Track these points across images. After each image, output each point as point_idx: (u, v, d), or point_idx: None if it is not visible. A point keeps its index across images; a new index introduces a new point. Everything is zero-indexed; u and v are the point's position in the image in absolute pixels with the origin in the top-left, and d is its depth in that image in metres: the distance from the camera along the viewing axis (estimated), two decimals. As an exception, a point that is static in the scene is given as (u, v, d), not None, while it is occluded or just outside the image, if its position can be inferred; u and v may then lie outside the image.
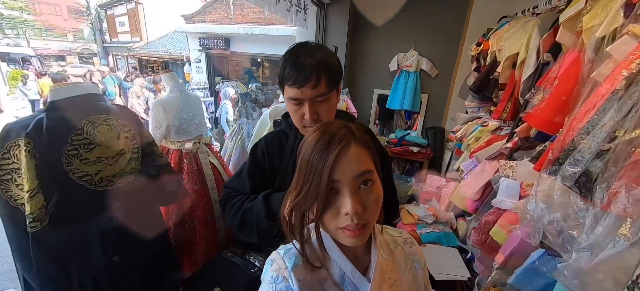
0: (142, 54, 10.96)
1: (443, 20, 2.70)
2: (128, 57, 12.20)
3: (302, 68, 0.66)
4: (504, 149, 1.45)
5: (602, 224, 0.71)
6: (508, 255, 1.11)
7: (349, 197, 0.40)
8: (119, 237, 0.96)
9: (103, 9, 13.23)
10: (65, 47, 18.74)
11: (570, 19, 1.02)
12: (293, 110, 0.71)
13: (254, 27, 6.58)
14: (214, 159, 1.64)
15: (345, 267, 0.46)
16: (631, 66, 0.70)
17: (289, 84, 0.68)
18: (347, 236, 0.42)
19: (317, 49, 0.69)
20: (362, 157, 0.42)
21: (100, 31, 13.03)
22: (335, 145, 0.41)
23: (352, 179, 0.41)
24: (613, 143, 0.71)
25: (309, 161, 0.42)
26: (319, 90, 0.67)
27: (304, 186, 0.42)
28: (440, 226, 1.87)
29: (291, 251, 0.47)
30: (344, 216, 0.41)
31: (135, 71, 9.81)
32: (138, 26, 11.64)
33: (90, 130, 0.88)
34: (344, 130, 0.43)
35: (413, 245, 0.57)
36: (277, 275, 0.44)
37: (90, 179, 0.89)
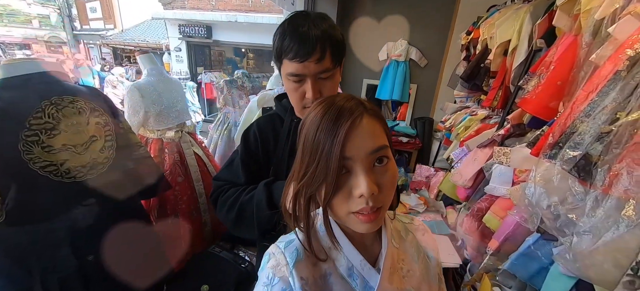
0: (117, 42, 10.31)
1: (432, 8, 2.68)
2: (101, 45, 11.45)
3: (305, 39, 0.57)
4: (495, 137, 1.45)
5: (603, 207, 0.70)
6: (502, 241, 1.11)
7: (363, 177, 0.35)
8: (93, 235, 0.86)
9: (72, -7, 12.29)
10: (30, 35, 17.30)
11: (568, 2, 1.01)
12: (292, 88, 0.63)
13: (237, 15, 6.33)
14: (199, 150, 1.53)
15: (354, 258, 0.41)
16: (635, 46, 0.68)
17: (289, 58, 0.59)
18: (361, 221, 0.37)
19: (320, 18, 0.61)
20: (376, 130, 0.37)
21: (70, 17, 12.10)
22: (345, 118, 0.35)
23: (366, 156, 0.36)
24: (615, 125, 0.70)
25: (315, 138, 0.36)
26: (324, 65, 0.60)
27: (310, 167, 0.36)
28: (431, 215, 1.88)
29: (292, 244, 0.42)
30: (357, 199, 0.35)
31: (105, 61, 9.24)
32: (111, 13, 10.92)
33: (52, 113, 0.77)
34: (354, 102, 0.38)
35: (426, 232, 0.53)
36: (273, 275, 0.39)
37: (55, 170, 0.78)
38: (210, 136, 2.01)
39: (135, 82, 1.35)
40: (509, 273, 1.08)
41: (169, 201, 1.39)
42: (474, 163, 1.56)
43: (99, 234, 0.90)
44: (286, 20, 0.62)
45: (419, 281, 0.45)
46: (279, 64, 0.64)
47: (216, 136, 1.91)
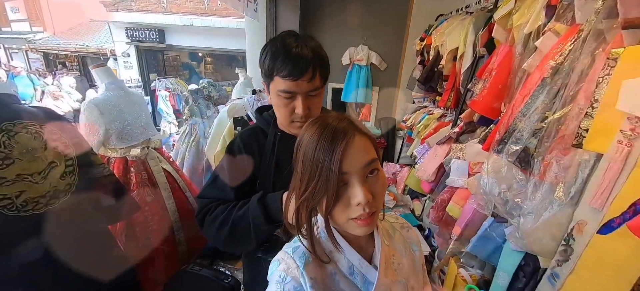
0: (49, 47, 9.01)
1: (388, 16, 2.88)
2: (28, 50, 9.91)
3: (298, 59, 0.62)
4: (452, 134, 1.62)
5: (540, 191, 0.85)
6: (464, 227, 1.25)
7: (359, 188, 0.40)
8: (55, 269, 0.78)
9: (-16, -10, 10.44)
10: None
11: (503, 17, 1.19)
12: (282, 104, 0.67)
13: (193, 18, 6.01)
14: (167, 165, 1.45)
15: (353, 258, 0.47)
16: (555, 58, 0.84)
17: (282, 76, 0.63)
18: (359, 225, 0.42)
19: (309, 39, 0.66)
20: (366, 146, 0.43)
21: (-17, 18, 10.27)
22: (341, 138, 0.40)
23: (360, 170, 0.41)
24: (545, 122, 0.85)
25: (314, 157, 0.41)
26: (314, 84, 0.65)
27: (311, 183, 0.41)
28: (401, 209, 2.02)
29: (299, 249, 0.46)
30: (355, 207, 0.41)
31: (39, 70, 8.04)
32: (39, 13, 9.53)
33: (4, 141, 0.68)
34: (346, 122, 0.43)
35: (410, 229, 0.60)
36: (285, 274, 0.43)
37: (9, 204, 0.69)
38: (176, 148, 1.90)
39: (92, 99, 1.22)
40: (471, 255, 1.22)
41: (138, 222, 1.29)
42: (435, 158, 1.72)
43: (61, 268, 0.82)
44: (277, 41, 0.65)
45: (408, 272, 0.52)
46: (269, 80, 0.67)
47: (183, 148, 1.82)
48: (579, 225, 0.74)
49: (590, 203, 0.69)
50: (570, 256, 0.76)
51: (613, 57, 0.65)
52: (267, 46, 0.66)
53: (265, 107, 0.83)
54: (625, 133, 0.61)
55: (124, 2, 6.48)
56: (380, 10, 2.88)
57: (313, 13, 2.94)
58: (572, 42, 0.78)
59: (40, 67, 8.74)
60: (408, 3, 2.77)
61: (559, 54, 0.83)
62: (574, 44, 0.77)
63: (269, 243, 0.67)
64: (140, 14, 6.37)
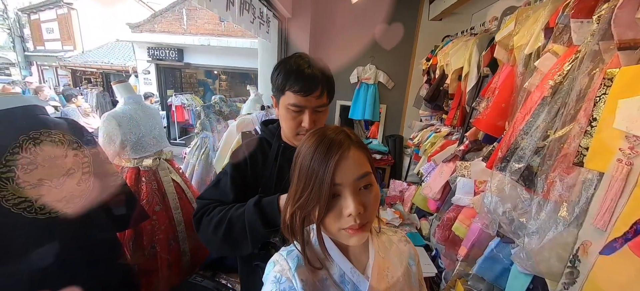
0: (77, 64, 9.67)
1: (396, 37, 2.95)
2: (58, 67, 10.65)
3: (309, 77, 0.69)
4: (457, 152, 1.62)
5: (544, 211, 0.84)
6: (470, 247, 1.22)
7: (351, 199, 0.42)
8: (69, 274, 0.81)
9: (25, 14, 11.43)
10: (-31, 55, 15.65)
11: (504, 39, 1.21)
12: (290, 117, 0.72)
13: (210, 39, 6.34)
14: (177, 176, 1.50)
15: (344, 267, 0.48)
16: (554, 77, 0.85)
17: (294, 91, 0.69)
18: (350, 235, 0.43)
19: (318, 61, 0.73)
20: (361, 160, 0.44)
21: (22, 38, 11.20)
22: (335, 150, 0.42)
23: (353, 182, 0.43)
24: (547, 141, 0.85)
25: (310, 167, 0.43)
26: (322, 100, 0.72)
27: (305, 191, 0.43)
28: (407, 228, 1.98)
29: (293, 252, 0.48)
30: (346, 218, 0.42)
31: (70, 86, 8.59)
32: (71, 33, 10.29)
33: (30, 147, 0.75)
34: (342, 135, 0.45)
35: (407, 243, 0.60)
36: (280, 275, 0.45)
37: (29, 206, 0.74)
38: (186, 160, 1.97)
39: (111, 112, 1.31)
40: (478, 277, 1.18)
41: (146, 231, 1.33)
42: (441, 176, 1.71)
43: (73, 273, 0.86)
44: (291, 60, 0.72)
45: (402, 286, 0.52)
46: (280, 95, 0.72)
47: (193, 160, 1.88)
48: (584, 246, 0.71)
49: (594, 222, 0.67)
50: (576, 279, 0.73)
51: (609, 77, 0.66)
52: (281, 64, 0.73)
53: (270, 121, 0.88)
54: (624, 152, 0.61)
55: (148, 23, 6.95)
56: (387, 30, 2.97)
57: (322, 34, 3.06)
58: (570, 63, 0.79)
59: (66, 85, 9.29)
60: (415, 24, 2.85)
61: (558, 74, 0.84)
62: (572, 64, 0.78)
63: (266, 251, 0.69)
64: (162, 34, 6.80)
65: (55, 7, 10.53)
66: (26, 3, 11.46)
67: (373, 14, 2.92)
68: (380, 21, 2.93)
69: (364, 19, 2.94)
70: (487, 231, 1.09)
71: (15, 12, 11.15)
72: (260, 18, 2.29)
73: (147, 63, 7.07)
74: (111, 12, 10.49)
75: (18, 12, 11.30)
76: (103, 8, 10.61)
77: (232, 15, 1.74)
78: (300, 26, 2.92)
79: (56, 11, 10.54)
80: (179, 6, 6.75)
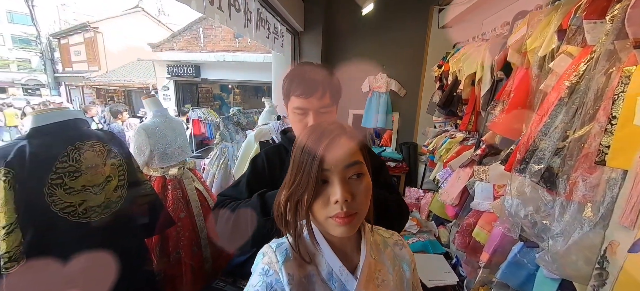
0: (101, 83, 10.30)
1: (405, 46, 2.99)
2: (84, 87, 11.36)
3: (309, 80, 0.72)
4: (474, 157, 1.60)
5: (568, 212, 0.82)
6: (492, 253, 1.20)
7: (338, 185, 0.42)
8: (104, 275, 0.87)
9: (56, 38, 12.36)
10: (7, 79, 16.95)
11: (516, 43, 1.22)
12: (297, 120, 0.75)
13: (225, 55, 6.61)
14: (199, 185, 1.57)
15: (333, 264, 0.47)
16: (571, 78, 0.86)
17: (296, 95, 0.73)
18: (337, 224, 0.43)
19: (320, 67, 0.77)
20: (352, 149, 0.44)
21: (52, 61, 12.07)
22: (326, 136, 0.43)
23: (342, 169, 0.43)
24: (566, 141, 0.85)
25: (302, 153, 0.44)
26: (324, 101, 0.73)
27: (297, 176, 0.44)
28: (425, 235, 1.96)
29: (283, 245, 0.47)
30: (333, 205, 0.42)
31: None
32: (96, 55, 11.02)
33: (75, 156, 0.83)
34: (335, 125, 0.46)
35: (403, 246, 0.58)
36: (268, 267, 0.44)
37: (73, 211, 0.81)
38: (206, 170, 2.05)
39: (142, 124, 1.41)
40: (502, 284, 1.15)
41: (171, 237, 1.39)
42: (458, 181, 1.69)
43: (108, 274, 0.91)
44: (295, 68, 0.77)
45: (392, 290, 0.51)
46: (287, 100, 0.77)
47: (213, 170, 1.96)
48: (612, 246, 0.70)
49: (621, 221, 0.67)
50: (606, 280, 0.71)
51: (626, 75, 0.66)
52: (288, 73, 0.77)
53: (289, 129, 0.92)
54: (647, 148, 0.61)
55: (168, 43, 7.33)
56: (398, 39, 3.01)
57: (333, 46, 3.15)
58: (585, 63, 0.80)
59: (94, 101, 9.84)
60: (425, 32, 2.88)
61: (574, 74, 0.84)
62: (588, 64, 0.79)
63: (275, 236, 0.70)
64: (180, 52, 7.15)
65: (82, 32, 11.34)
66: (57, 28, 12.40)
67: (383, 24, 2.98)
68: (391, 31, 2.99)
69: (374, 29, 3.00)
70: (510, 235, 1.07)
71: (47, 37, 12.07)
72: (274, 33, 2.40)
73: (167, 80, 7.43)
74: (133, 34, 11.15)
75: (50, 37, 12.24)
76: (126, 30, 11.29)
77: (249, 32, 1.84)
78: (312, 39, 3.02)
79: (83, 35, 11.35)
80: (197, 25, 7.11)
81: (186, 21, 7.36)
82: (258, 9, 1.93)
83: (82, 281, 0.86)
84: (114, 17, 11.92)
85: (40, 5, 12.47)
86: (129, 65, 10.35)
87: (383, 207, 0.70)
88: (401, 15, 2.94)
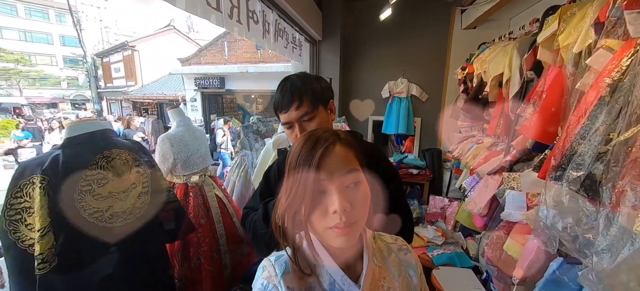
0: (137, 97, 11.17)
1: (428, 49, 2.91)
2: (122, 100, 12.39)
3: (284, 93, 0.73)
4: (504, 163, 1.49)
5: (615, 225, 0.73)
6: (526, 268, 1.09)
7: (336, 195, 0.40)
8: (130, 278, 0.91)
9: (100, 58, 13.69)
10: (58, 95, 19.02)
11: (547, 40, 1.13)
12: (288, 134, 0.76)
13: (248, 66, 6.88)
14: (219, 192, 1.62)
15: (335, 274, 0.45)
16: (612, 74, 0.77)
17: (279, 111, 0.75)
18: (336, 234, 0.41)
19: (298, 77, 0.76)
20: (347, 156, 0.43)
21: (95, 78, 13.34)
22: (320, 145, 0.42)
23: (338, 178, 0.41)
24: (610, 145, 0.76)
25: (297, 163, 0.43)
26: (302, 110, 0.72)
27: (293, 188, 0.42)
28: (451, 247, 1.84)
29: (282, 257, 0.46)
30: (332, 215, 0.41)
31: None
32: (133, 71, 12.00)
33: (104, 164, 0.89)
34: (329, 133, 0.45)
35: (408, 252, 0.56)
36: (267, 282, 0.44)
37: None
38: (227, 178, 2.11)
39: (166, 133, 1.50)
40: (538, 303, 1.04)
41: (192, 243, 1.43)
42: (487, 190, 1.58)
43: (133, 278, 0.96)
44: (278, 85, 0.78)
45: None
46: (278, 118, 0.78)
47: (234, 177, 2.01)
48: (671, 266, 0.61)
49: (681, 237, 0.57)
50: (665, 306, 0.62)
51: (681, 68, 0.58)
52: None
53: None
54: None
55: (195, 57, 7.80)
56: (418, 43, 2.94)
57: (352, 52, 3.14)
58: (629, 57, 0.72)
59: (130, 114, 10.65)
60: (447, 34, 2.78)
61: (616, 71, 0.76)
62: (632, 59, 0.71)
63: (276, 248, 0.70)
64: (206, 66, 7.57)
65: (122, 50, 12.44)
66: (100, 48, 13.71)
67: (402, 28, 2.92)
68: (410, 35, 2.92)
69: (393, 34, 2.96)
70: (546, 249, 0.97)
71: (91, 57, 13.39)
72: (293, 43, 2.44)
73: (194, 92, 7.87)
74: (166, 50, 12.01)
75: (94, 56, 13.58)
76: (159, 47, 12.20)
77: (268, 42, 1.89)
78: (330, 47, 3.04)
79: (122, 53, 12.43)
80: (221, 39, 7.49)
81: (213, 36, 7.81)
82: (276, 20, 1.98)
83: (107, 284, 0.91)
84: (148, 37, 12.94)
85: (87, 28, 13.89)
86: (162, 79, 11.12)
87: None
88: (421, 18, 2.87)
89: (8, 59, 15.71)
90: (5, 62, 15.69)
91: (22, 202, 0.76)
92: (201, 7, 1.20)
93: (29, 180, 0.76)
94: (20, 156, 5.09)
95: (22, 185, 0.76)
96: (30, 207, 0.76)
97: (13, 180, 0.77)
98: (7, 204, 0.76)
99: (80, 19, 12.76)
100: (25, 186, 0.76)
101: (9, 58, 15.76)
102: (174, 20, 13.62)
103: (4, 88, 16.09)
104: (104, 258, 0.90)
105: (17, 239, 0.76)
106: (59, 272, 0.79)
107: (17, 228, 0.76)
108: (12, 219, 0.76)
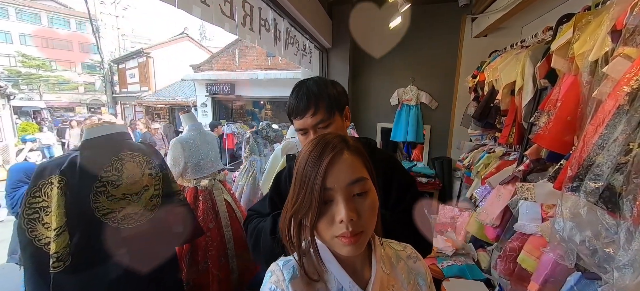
0: (150, 102, 11.47)
1: (437, 56, 2.89)
2: (136, 105, 12.75)
3: (301, 99, 0.72)
4: (517, 173, 1.46)
5: (637, 239, 0.70)
6: (542, 282, 1.05)
7: (343, 204, 0.40)
8: (139, 278, 0.93)
9: (116, 64, 14.20)
10: (75, 100, 19.80)
11: (561, 48, 1.11)
12: (302, 140, 0.75)
13: (258, 73, 6.99)
14: (228, 196, 1.63)
15: (343, 280, 0.45)
16: (631, 83, 0.75)
17: (293, 117, 0.73)
18: (343, 244, 0.41)
19: (314, 81, 0.75)
20: (355, 164, 0.43)
21: (111, 83, 13.81)
22: (327, 153, 0.41)
23: (345, 187, 0.41)
24: (630, 155, 0.73)
25: (304, 170, 0.42)
26: (319, 117, 0.71)
27: (299, 195, 0.42)
28: (462, 258, 1.79)
29: (290, 262, 0.46)
30: (338, 224, 0.40)
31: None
32: (147, 77, 12.36)
33: (118, 166, 0.91)
34: (337, 139, 0.44)
35: (418, 260, 0.55)
36: (275, 287, 0.43)
37: (114, 217, 0.89)
38: (236, 183, 2.12)
39: (178, 138, 1.53)
40: (554, 319, 1.00)
41: (200, 247, 1.45)
42: (499, 200, 1.54)
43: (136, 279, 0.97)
44: (293, 88, 0.77)
45: None
46: (291, 123, 0.77)
47: (242, 182, 2.02)
48: (699, 284, 0.57)
49: None
50: (694, 327, 0.58)
51: None
52: None
53: None
54: None
55: (207, 64, 7.99)
56: (428, 51, 2.93)
57: (361, 60, 3.15)
58: (649, 65, 0.69)
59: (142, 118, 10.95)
60: (457, 42, 2.77)
61: (635, 79, 0.74)
62: (653, 67, 0.68)
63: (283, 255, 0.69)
64: (218, 72, 7.74)
65: (137, 57, 12.87)
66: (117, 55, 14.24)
67: (412, 36, 2.92)
68: (420, 43, 2.92)
69: (402, 41, 2.96)
70: (563, 263, 0.93)
71: (108, 63, 13.90)
72: (303, 50, 2.48)
73: (205, 97, 8.03)
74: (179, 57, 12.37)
75: (111, 63, 14.10)
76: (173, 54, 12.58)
77: (278, 50, 1.92)
78: (340, 55, 3.07)
79: (138, 60, 12.85)
80: (233, 47, 7.67)
81: (225, 43, 8.01)
82: (287, 28, 2.01)
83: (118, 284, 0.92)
84: (163, 44, 13.36)
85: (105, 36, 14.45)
86: (174, 85, 11.41)
87: None
88: (430, 26, 2.87)
89: (30, 65, 16.51)
90: (28, 67, 16.49)
91: (40, 201, 0.79)
92: (216, 16, 1.24)
93: (47, 180, 0.79)
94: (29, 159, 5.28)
95: (40, 185, 0.79)
96: (48, 206, 0.79)
97: (33, 180, 0.80)
98: (26, 203, 0.79)
99: (99, 27, 13.29)
100: (43, 185, 0.79)
101: (31, 64, 16.56)
102: (187, 28, 14.04)
103: (25, 92, 16.86)
104: (115, 258, 0.91)
105: (33, 237, 0.78)
106: (73, 271, 0.81)
107: (34, 226, 0.79)
108: (30, 218, 0.78)
